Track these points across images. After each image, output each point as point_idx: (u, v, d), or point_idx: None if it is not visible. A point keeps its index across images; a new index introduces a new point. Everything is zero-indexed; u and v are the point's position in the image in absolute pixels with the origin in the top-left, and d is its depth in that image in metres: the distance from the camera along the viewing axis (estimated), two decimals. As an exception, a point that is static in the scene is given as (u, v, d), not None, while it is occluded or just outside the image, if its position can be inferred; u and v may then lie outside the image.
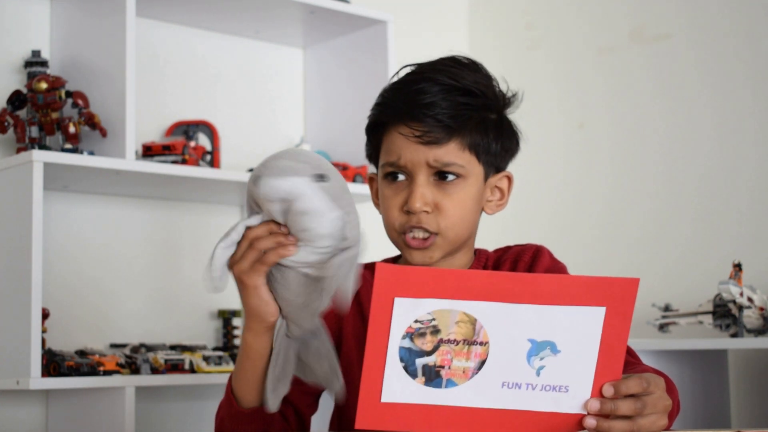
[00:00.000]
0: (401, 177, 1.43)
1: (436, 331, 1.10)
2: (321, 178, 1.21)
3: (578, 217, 3.06)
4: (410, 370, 1.11)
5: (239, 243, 1.24)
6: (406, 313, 1.09)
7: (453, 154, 1.41)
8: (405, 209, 1.41)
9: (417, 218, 1.40)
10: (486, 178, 1.47)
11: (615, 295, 1.11)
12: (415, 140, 1.41)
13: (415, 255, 1.43)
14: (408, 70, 1.49)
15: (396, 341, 1.10)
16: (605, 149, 3.02)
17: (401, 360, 1.10)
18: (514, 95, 1.50)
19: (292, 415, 1.44)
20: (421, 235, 1.41)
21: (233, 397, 1.35)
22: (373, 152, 1.49)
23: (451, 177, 1.42)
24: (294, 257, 1.22)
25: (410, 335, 1.10)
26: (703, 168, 2.79)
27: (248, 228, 1.24)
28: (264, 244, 1.22)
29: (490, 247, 1.57)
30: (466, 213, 1.43)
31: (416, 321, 1.10)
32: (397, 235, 1.44)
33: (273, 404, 1.30)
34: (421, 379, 1.11)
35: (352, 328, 1.48)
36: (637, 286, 1.12)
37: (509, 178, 1.51)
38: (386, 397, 1.11)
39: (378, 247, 1.53)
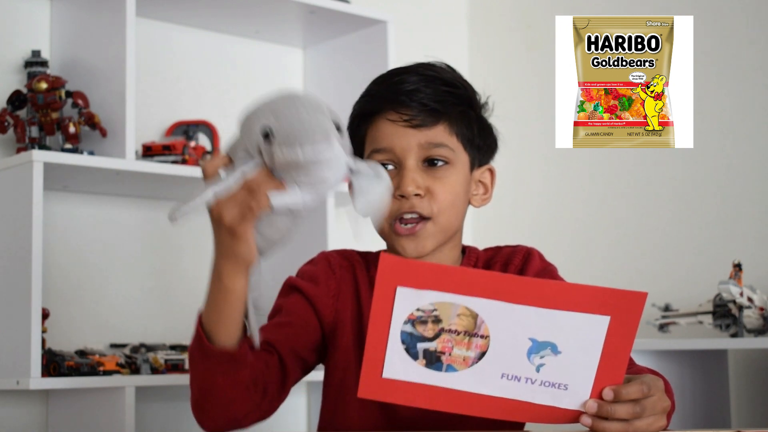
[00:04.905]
0: (390, 167, 1.43)
1: (437, 320, 1.12)
2: (338, 130, 1.21)
3: (579, 217, 3.06)
4: (411, 353, 1.12)
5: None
6: (408, 301, 1.10)
7: (442, 135, 1.43)
8: (397, 194, 1.41)
9: (410, 203, 1.41)
10: (471, 169, 1.48)
11: (621, 307, 1.12)
12: (403, 124, 1.42)
13: (406, 244, 1.42)
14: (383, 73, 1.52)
15: (398, 325, 1.11)
16: (606, 149, 3.01)
17: (403, 342, 1.12)
18: (486, 100, 1.51)
19: (275, 366, 1.40)
20: (415, 217, 1.41)
21: (204, 335, 1.30)
22: (358, 145, 1.49)
23: (440, 163, 1.43)
24: (292, 202, 1.21)
25: (412, 321, 1.11)
26: (703, 168, 2.79)
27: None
28: (262, 192, 1.20)
29: (481, 246, 1.56)
30: (456, 199, 1.44)
31: (418, 309, 1.11)
32: (387, 224, 1.43)
33: (258, 340, 1.32)
34: (422, 361, 1.13)
35: (350, 313, 1.47)
36: (645, 300, 1.11)
37: (491, 172, 1.52)
38: (387, 373, 1.13)
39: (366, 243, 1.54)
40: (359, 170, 1.25)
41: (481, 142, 1.48)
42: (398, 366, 1.12)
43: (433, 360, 1.13)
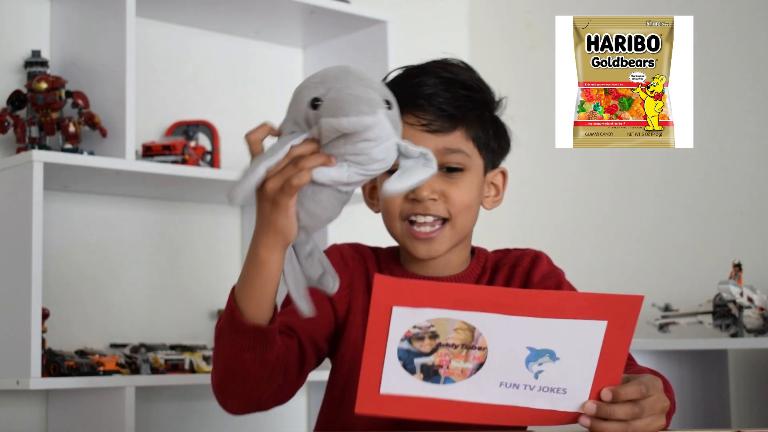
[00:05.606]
0: None
1: (434, 335, 1.11)
2: (388, 105, 1.20)
3: (579, 217, 3.06)
4: (409, 368, 1.12)
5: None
6: (404, 320, 1.10)
7: (458, 141, 1.43)
8: (410, 198, 1.41)
9: (423, 206, 1.41)
10: (485, 172, 1.48)
11: (618, 311, 1.12)
12: (421, 129, 1.42)
13: (420, 247, 1.42)
14: (400, 71, 1.50)
15: (394, 343, 1.11)
16: (606, 149, 3.01)
17: (400, 359, 1.11)
18: (501, 99, 1.51)
19: (295, 350, 1.41)
20: (429, 220, 1.41)
21: (237, 309, 1.29)
22: None
23: (455, 168, 1.43)
24: (337, 176, 1.20)
25: (408, 338, 1.11)
26: (703, 168, 2.79)
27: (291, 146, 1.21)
28: (309, 163, 1.18)
29: (491, 247, 1.57)
30: (472, 202, 1.45)
31: (415, 326, 1.10)
32: (400, 225, 1.43)
33: (306, 308, 1.27)
34: (419, 375, 1.12)
35: (361, 306, 1.47)
36: (641, 304, 1.11)
37: (504, 174, 1.53)
38: (385, 389, 1.13)
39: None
40: (408, 152, 1.22)
41: (495, 145, 1.49)
42: (395, 382, 1.12)
43: (431, 374, 1.12)
